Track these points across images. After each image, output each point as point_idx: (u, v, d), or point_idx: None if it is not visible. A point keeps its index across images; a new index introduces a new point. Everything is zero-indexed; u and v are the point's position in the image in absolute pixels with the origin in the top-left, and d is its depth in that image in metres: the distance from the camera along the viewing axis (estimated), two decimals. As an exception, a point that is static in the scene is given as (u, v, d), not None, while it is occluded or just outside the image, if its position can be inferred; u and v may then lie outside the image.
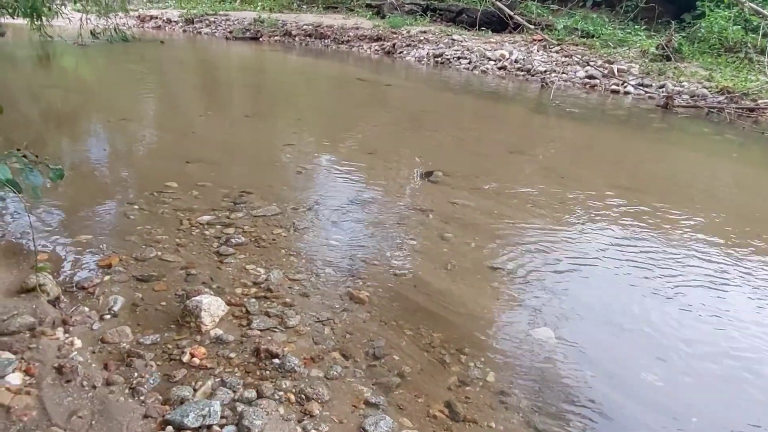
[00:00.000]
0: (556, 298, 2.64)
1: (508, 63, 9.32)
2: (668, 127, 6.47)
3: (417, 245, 3.04)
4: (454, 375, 2.05)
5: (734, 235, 3.44)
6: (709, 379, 2.17)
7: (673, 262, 3.06)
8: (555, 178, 4.36)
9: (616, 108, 7.35)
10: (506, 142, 5.43)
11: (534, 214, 3.61)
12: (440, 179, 4.05)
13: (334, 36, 12.68)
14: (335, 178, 4.10)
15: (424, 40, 11.22)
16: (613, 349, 2.30)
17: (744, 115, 6.73)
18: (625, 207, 3.79)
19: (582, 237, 3.30)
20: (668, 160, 5.34)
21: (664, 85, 7.73)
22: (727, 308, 2.67)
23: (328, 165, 4.41)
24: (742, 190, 4.62)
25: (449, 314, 2.44)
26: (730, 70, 8.18)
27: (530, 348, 2.26)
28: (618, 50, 9.32)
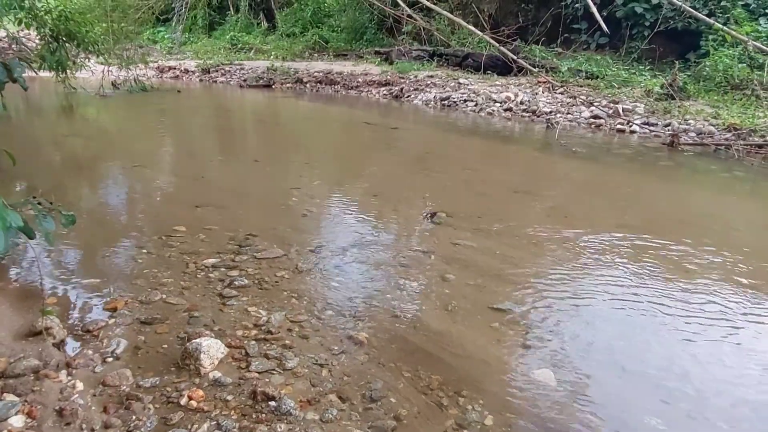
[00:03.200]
0: (558, 339, 2.62)
1: (514, 105, 9.49)
2: (675, 165, 6.49)
3: (418, 287, 3.06)
4: (451, 418, 2.04)
5: (746, 275, 3.39)
6: (714, 423, 2.12)
7: (681, 303, 3.03)
8: (559, 218, 4.37)
9: (622, 147, 7.40)
10: (511, 183, 5.48)
11: (537, 254, 3.62)
12: (443, 220, 4.09)
13: (343, 82, 13.04)
14: (339, 221, 4.16)
15: (431, 84, 11.49)
16: (616, 392, 2.27)
17: (753, 151, 6.73)
18: (631, 246, 3.78)
19: (586, 277, 3.29)
20: (675, 198, 5.33)
21: (669, 123, 7.79)
22: (737, 352, 2.62)
23: (333, 208, 4.49)
24: (754, 227, 4.58)
25: (448, 356, 2.43)
26: (737, 107, 8.23)
27: (530, 390, 2.24)
28: (622, 90, 9.46)
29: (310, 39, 16.78)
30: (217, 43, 18.39)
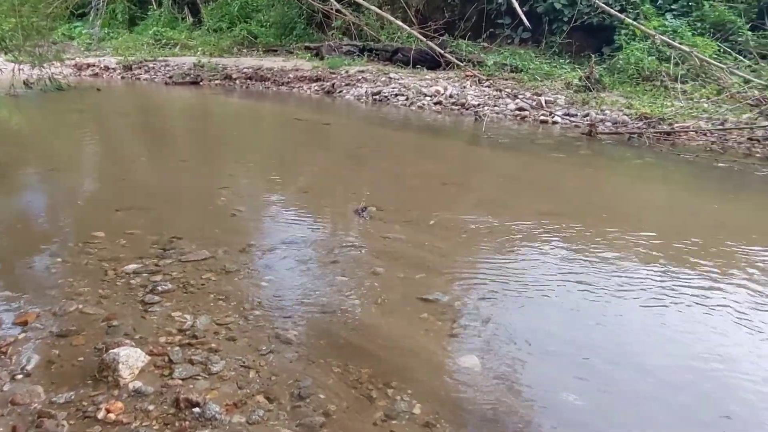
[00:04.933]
0: (484, 325, 2.70)
1: (444, 98, 9.68)
2: (594, 153, 6.84)
3: (348, 282, 3.07)
4: (380, 410, 2.06)
5: (660, 254, 3.62)
6: (627, 396, 2.26)
7: (601, 283, 3.19)
8: (487, 207, 4.51)
9: (545, 137, 7.73)
10: (441, 175, 5.59)
11: (465, 244, 3.72)
12: (374, 214, 4.12)
13: (274, 78, 12.82)
14: (269, 219, 4.11)
15: (362, 79, 11.50)
16: (536, 373, 2.37)
17: (662, 139, 7.21)
18: (556, 232, 3.94)
19: (512, 264, 3.41)
20: (595, 184, 5.63)
21: (588, 114, 8.21)
22: (650, 326, 2.79)
23: (263, 206, 4.42)
24: (665, 209, 4.91)
25: (378, 349, 2.46)
26: (648, 97, 8.79)
27: (457, 377, 2.30)
28: (545, 83, 9.86)
29: (238, 34, 16.34)
30: (139, 39, 17.55)
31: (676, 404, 2.21)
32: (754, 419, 2.13)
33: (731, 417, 2.13)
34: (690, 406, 2.21)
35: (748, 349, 2.59)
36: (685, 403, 2.23)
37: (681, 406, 2.21)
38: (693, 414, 2.17)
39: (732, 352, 2.54)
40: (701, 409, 2.20)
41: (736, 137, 6.98)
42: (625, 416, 2.15)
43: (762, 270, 3.41)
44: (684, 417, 2.15)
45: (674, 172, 6.22)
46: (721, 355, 2.51)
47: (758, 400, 2.23)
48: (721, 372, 2.40)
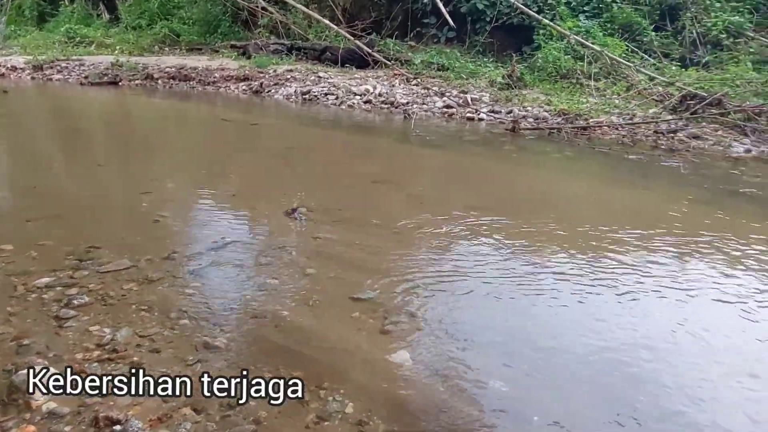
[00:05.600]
0: (415, 321, 2.75)
1: (373, 97, 9.74)
2: (517, 149, 7.12)
3: (278, 285, 3.03)
4: (312, 412, 2.06)
5: (584, 243, 3.81)
6: (552, 380, 2.37)
7: (530, 274, 3.32)
8: (417, 204, 4.59)
9: (472, 134, 7.96)
10: (371, 173, 5.62)
11: (396, 241, 3.76)
12: (304, 215, 4.08)
13: (199, 78, 12.39)
14: (195, 224, 3.98)
15: (291, 79, 11.36)
16: (464, 363, 2.44)
17: (579, 133, 7.61)
18: (484, 226, 4.05)
19: (442, 259, 3.48)
20: (520, 178, 5.86)
21: (511, 110, 8.53)
22: (578, 312, 2.94)
23: (189, 211, 4.27)
24: (585, 200, 5.19)
25: (310, 350, 2.45)
26: (566, 94, 9.25)
27: (388, 373, 2.33)
28: (470, 81, 10.15)
29: (159, 32, 15.68)
30: (50, 37, 16.46)
31: (599, 386, 2.34)
32: (672, 399, 2.27)
33: (651, 397, 2.27)
34: (613, 387, 2.34)
35: (668, 333, 2.76)
36: (608, 383, 2.36)
37: (604, 387, 2.34)
38: (615, 394, 2.30)
39: (652, 336, 2.70)
40: (623, 389, 2.32)
41: (644, 131, 7.49)
42: (550, 399, 2.26)
43: (677, 255, 3.68)
44: (606, 397, 2.28)
45: (591, 165, 6.58)
46: (642, 339, 2.67)
47: (676, 381, 2.37)
48: (642, 355, 2.55)
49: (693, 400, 2.26)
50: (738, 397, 2.31)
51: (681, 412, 2.18)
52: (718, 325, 2.87)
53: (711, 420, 2.15)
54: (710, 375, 2.46)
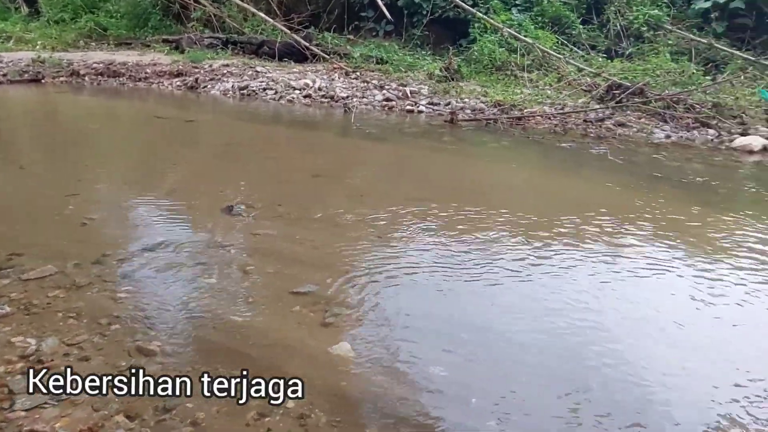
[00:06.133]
0: (356, 312, 2.77)
1: (313, 91, 9.64)
2: (456, 140, 7.25)
3: (216, 284, 2.97)
4: (253, 409, 2.04)
5: (523, 229, 3.92)
6: (490, 362, 2.46)
7: (471, 261, 3.39)
8: (358, 198, 4.60)
9: (412, 126, 8.04)
10: (311, 168, 5.57)
11: (337, 234, 3.75)
12: (242, 211, 4.01)
13: (129, 74, 11.84)
14: (127, 226, 3.83)
15: (228, 74, 11.06)
16: (406, 351, 2.48)
17: (514, 123, 7.83)
18: (425, 217, 4.10)
19: (383, 250, 3.51)
20: (459, 168, 5.97)
21: (449, 102, 8.68)
22: (517, 296, 3.04)
23: (120, 212, 4.10)
24: (522, 188, 5.36)
25: (249, 348, 2.42)
26: (501, 86, 9.49)
27: (329, 365, 2.34)
28: (409, 74, 10.24)
29: (84, 26, 14.87)
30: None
31: (536, 366, 2.44)
32: (610, 376, 2.39)
33: (588, 373, 2.39)
34: (550, 366, 2.44)
35: (604, 311, 2.90)
36: (544, 363, 2.46)
37: (541, 367, 2.44)
38: (553, 372, 2.40)
39: (589, 317, 2.82)
40: (560, 368, 2.43)
41: (574, 120, 7.80)
42: (488, 381, 2.34)
43: (612, 237, 3.87)
44: (543, 375, 2.38)
45: (527, 154, 6.80)
46: (578, 318, 2.79)
47: (613, 359, 2.49)
48: (578, 333, 2.68)
49: (632, 373, 2.38)
50: (668, 361, 2.47)
51: (620, 384, 2.30)
52: (651, 301, 3.05)
53: (651, 393, 2.27)
54: (646, 347, 2.61)
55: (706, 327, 2.86)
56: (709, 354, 2.61)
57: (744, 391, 2.29)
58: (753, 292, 3.16)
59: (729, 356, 2.57)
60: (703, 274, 3.35)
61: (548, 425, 2.08)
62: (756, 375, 2.41)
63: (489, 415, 2.12)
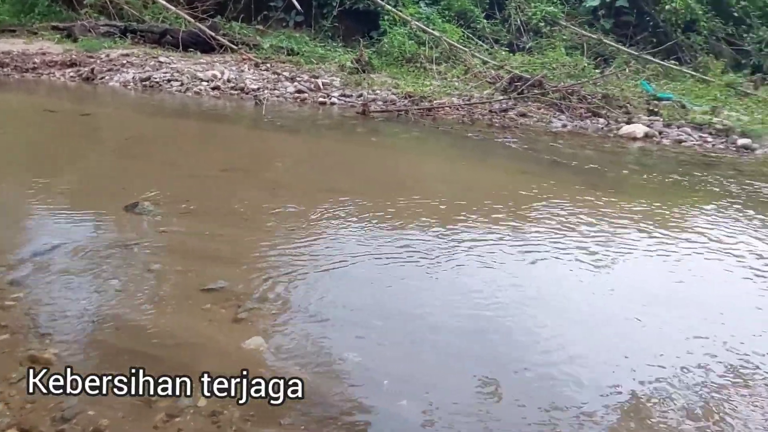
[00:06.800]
0: (269, 306, 2.75)
1: (221, 83, 9.33)
2: (369, 131, 7.34)
3: (119, 285, 2.83)
4: (161, 411, 1.98)
5: (438, 218, 4.03)
6: (403, 346, 2.54)
7: (386, 250, 3.45)
8: (272, 191, 4.54)
9: (325, 118, 8.03)
10: (221, 162, 5.42)
11: (250, 229, 3.69)
12: (147, 208, 3.83)
13: (15, 64, 10.81)
14: (15, 230, 3.54)
15: (127, 64, 10.41)
16: (320, 340, 2.51)
17: (425, 114, 8.05)
18: (341, 208, 4.11)
19: (297, 243, 3.48)
20: (373, 159, 6.06)
21: (361, 94, 8.74)
22: (431, 282, 3.14)
23: (6, 215, 3.77)
24: (434, 177, 5.53)
25: (157, 349, 2.35)
26: (411, 77, 9.70)
27: (242, 361, 2.32)
28: (321, 66, 10.19)
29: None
30: None
31: (446, 346, 2.55)
32: (517, 353, 2.55)
33: (501, 353, 2.54)
34: (460, 346, 2.56)
35: (515, 293, 3.07)
36: (454, 344, 2.57)
37: (451, 347, 2.55)
38: (462, 352, 2.52)
39: (500, 298, 2.98)
40: (470, 348, 2.56)
41: (480, 110, 8.16)
42: (401, 364, 2.42)
43: (524, 221, 4.10)
44: (453, 355, 2.49)
45: (437, 144, 7.02)
46: (489, 301, 2.93)
47: (525, 340, 2.65)
48: (488, 316, 2.81)
49: (542, 352, 2.54)
50: (581, 342, 2.68)
51: (531, 364, 2.45)
52: (559, 281, 3.28)
53: (561, 370, 2.43)
54: (550, 323, 2.80)
55: (599, 299, 3.14)
56: (602, 326, 2.87)
57: (632, 352, 2.56)
58: (632, 262, 3.51)
59: (618, 327, 2.85)
60: (594, 251, 3.67)
61: (458, 401, 2.19)
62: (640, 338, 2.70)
63: (401, 395, 2.21)
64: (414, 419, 2.07)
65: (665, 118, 7.95)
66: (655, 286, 3.29)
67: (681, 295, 3.23)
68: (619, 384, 2.32)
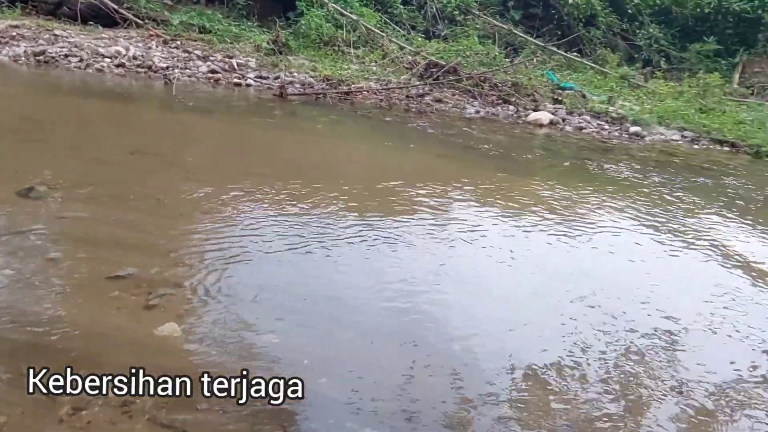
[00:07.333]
0: (184, 291, 2.69)
1: (126, 60, 8.75)
2: (287, 114, 7.23)
3: (15, 275, 2.63)
4: (66, 404, 1.89)
5: (358, 202, 4.07)
6: (321, 326, 2.57)
7: (302, 232, 3.45)
8: (182, 174, 4.36)
9: (241, 100, 7.80)
10: (129, 144, 5.12)
11: (161, 214, 3.55)
12: (44, 193, 3.56)
13: None
14: None
15: (18, 36, 9.48)
16: (237, 324, 2.49)
17: (343, 98, 8.04)
18: (257, 192, 4.04)
19: (212, 226, 3.39)
20: (291, 143, 5.97)
21: (278, 76, 8.56)
22: (351, 263, 3.18)
23: None
24: (355, 161, 5.56)
25: (61, 341, 2.22)
26: (329, 61, 9.62)
27: (155, 348, 2.26)
28: (235, 45, 9.83)
29: None
30: None
31: (364, 324, 2.63)
32: (432, 329, 2.66)
33: (416, 330, 2.62)
34: (376, 324, 2.64)
35: (431, 272, 3.18)
36: (372, 322, 2.65)
37: (369, 325, 2.63)
38: (379, 329, 2.60)
39: (417, 280, 3.07)
40: (385, 325, 2.64)
41: (398, 95, 8.28)
42: (320, 343, 2.46)
43: (440, 203, 4.23)
44: (370, 332, 2.57)
45: (356, 128, 7.06)
46: (405, 281, 3.03)
47: (439, 316, 2.76)
48: (405, 295, 2.89)
49: (454, 327, 2.68)
50: (489, 316, 2.84)
51: (446, 339, 2.57)
52: (472, 260, 3.44)
53: (474, 343, 2.58)
54: (468, 303, 2.95)
55: (508, 276, 3.34)
56: (510, 300, 3.07)
57: (535, 324, 2.77)
58: (539, 240, 3.77)
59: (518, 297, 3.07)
60: (506, 231, 3.89)
61: (375, 376, 2.28)
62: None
63: (321, 373, 2.25)
64: (334, 395, 2.13)
65: (568, 107, 8.50)
66: (558, 262, 3.57)
67: (578, 268, 3.52)
68: (523, 352, 2.52)
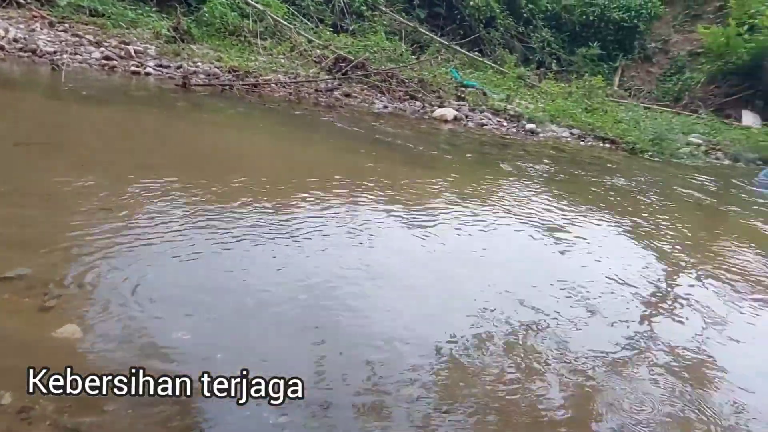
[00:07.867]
0: (83, 291, 2.57)
1: (6, 42, 7.94)
2: (191, 105, 6.97)
3: None
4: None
5: (265, 193, 4.06)
6: (232, 322, 2.57)
7: (211, 227, 3.39)
8: (76, 167, 4.10)
9: (140, 89, 7.40)
10: (12, 135, 4.72)
11: (52, 210, 3.33)
12: None
13: None
14: None
15: None
16: (144, 322, 2.43)
17: (250, 90, 7.88)
18: (158, 185, 3.88)
19: (111, 223, 3.22)
20: (196, 135, 5.79)
21: (181, 65, 8.20)
22: (263, 258, 3.17)
23: None
24: (262, 155, 5.50)
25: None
26: (235, 51, 9.34)
27: (54, 351, 2.16)
28: (132, 31, 9.27)
29: None
30: None
31: (276, 317, 2.65)
32: (343, 321, 2.72)
33: (328, 320, 2.69)
34: (288, 316, 2.67)
35: (340, 267, 3.23)
36: (284, 314, 2.68)
37: (281, 317, 2.66)
38: (291, 321, 2.63)
39: (328, 271, 3.13)
40: (298, 318, 2.68)
41: (307, 89, 8.27)
42: (232, 337, 2.47)
43: (350, 196, 4.30)
44: (283, 324, 2.60)
45: (264, 121, 6.97)
46: (317, 274, 3.08)
47: (352, 304, 2.84)
48: (316, 287, 2.95)
49: (365, 317, 2.77)
50: (400, 302, 2.97)
51: (358, 326, 2.66)
52: (383, 250, 3.56)
53: (387, 328, 2.70)
54: (378, 292, 3.06)
55: (419, 264, 3.52)
56: (420, 288, 3.25)
57: (445, 308, 2.95)
58: (447, 230, 4.01)
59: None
60: (414, 221, 4.08)
61: (289, 367, 2.32)
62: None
63: (234, 367, 2.26)
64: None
65: (470, 104, 8.95)
66: (465, 250, 3.81)
67: (484, 255, 3.78)
68: (435, 336, 2.70)
